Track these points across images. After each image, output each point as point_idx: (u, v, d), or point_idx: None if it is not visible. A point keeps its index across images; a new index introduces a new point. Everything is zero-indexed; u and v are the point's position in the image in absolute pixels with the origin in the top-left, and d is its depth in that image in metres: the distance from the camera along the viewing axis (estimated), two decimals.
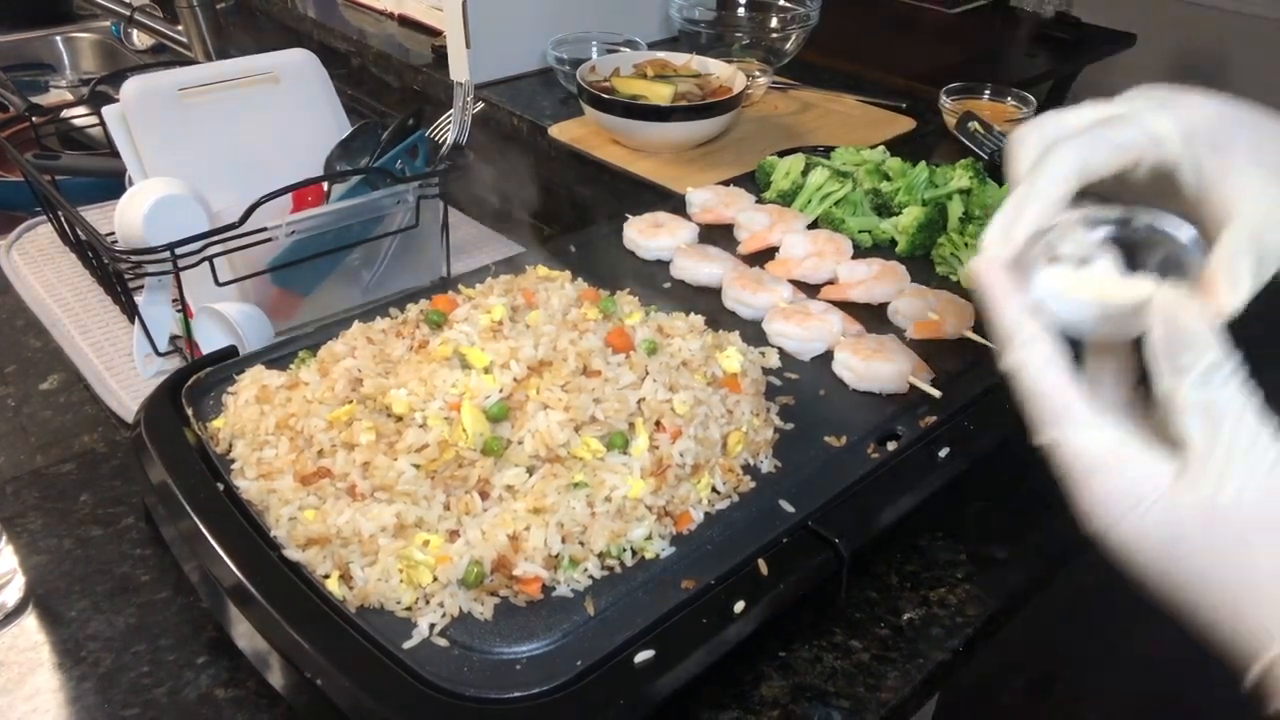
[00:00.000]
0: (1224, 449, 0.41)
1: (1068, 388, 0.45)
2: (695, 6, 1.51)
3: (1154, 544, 0.43)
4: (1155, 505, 0.42)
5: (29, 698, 0.60)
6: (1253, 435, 0.41)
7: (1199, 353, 0.42)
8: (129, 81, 0.92)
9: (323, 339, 0.75)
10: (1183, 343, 0.42)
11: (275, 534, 0.60)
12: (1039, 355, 0.46)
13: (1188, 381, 0.42)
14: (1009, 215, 0.48)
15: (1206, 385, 0.41)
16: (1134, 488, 0.43)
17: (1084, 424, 0.44)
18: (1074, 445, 0.45)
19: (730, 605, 0.56)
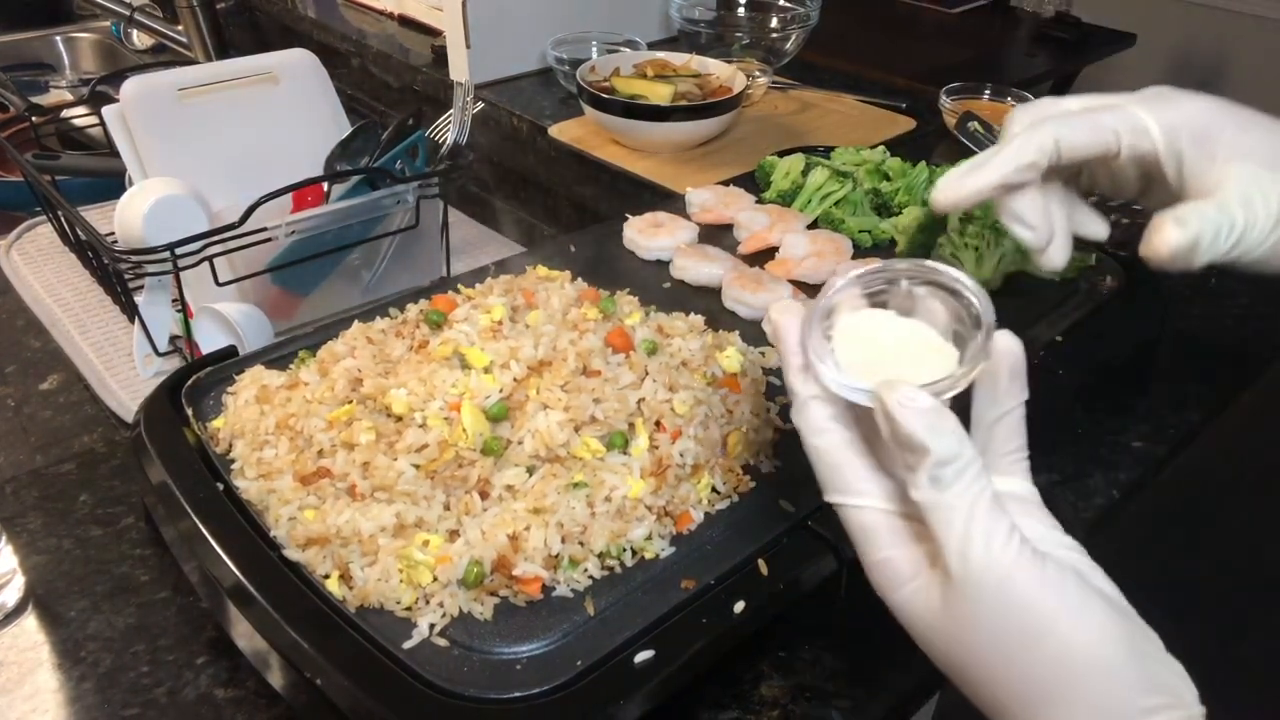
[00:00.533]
0: (958, 553, 0.40)
1: (843, 449, 0.45)
2: (695, 6, 1.51)
3: (917, 626, 0.44)
4: (915, 592, 0.43)
5: (29, 698, 0.60)
6: (986, 539, 0.40)
7: (921, 452, 0.41)
8: (129, 81, 0.92)
9: (322, 339, 0.75)
10: (902, 442, 0.41)
11: (275, 534, 0.60)
12: (817, 418, 0.46)
13: (915, 482, 0.41)
14: (965, 167, 0.49)
15: (936, 485, 0.41)
16: (899, 563, 0.44)
17: (859, 490, 0.45)
18: (848, 512, 0.45)
19: (730, 605, 0.56)
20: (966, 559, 0.40)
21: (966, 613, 0.41)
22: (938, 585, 0.42)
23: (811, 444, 0.46)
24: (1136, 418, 0.85)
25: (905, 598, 0.44)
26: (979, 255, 0.89)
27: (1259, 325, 0.97)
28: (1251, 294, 1.01)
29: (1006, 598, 0.40)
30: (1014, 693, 0.41)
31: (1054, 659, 0.40)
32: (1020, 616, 0.40)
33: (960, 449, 0.41)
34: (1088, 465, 0.78)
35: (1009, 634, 0.40)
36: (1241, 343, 0.94)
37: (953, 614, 0.41)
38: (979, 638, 0.41)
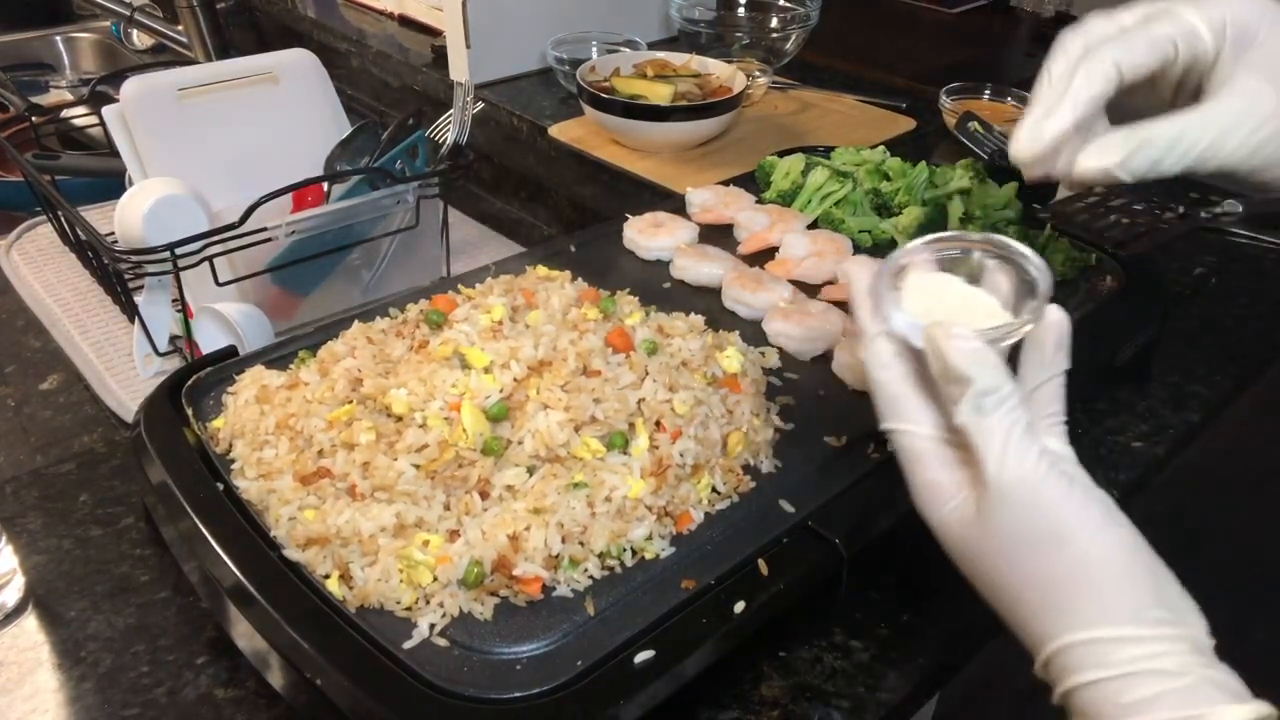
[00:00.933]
0: (994, 469, 0.45)
1: (901, 383, 0.50)
2: (695, 6, 1.51)
3: (954, 542, 0.48)
4: (955, 509, 0.47)
5: (29, 698, 0.60)
6: (1019, 457, 0.45)
7: (965, 383, 0.45)
8: (129, 81, 0.93)
9: (323, 339, 0.75)
10: (949, 374, 0.46)
11: (275, 534, 0.60)
12: (882, 352, 0.50)
13: (960, 408, 0.46)
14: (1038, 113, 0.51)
15: (978, 412, 0.45)
16: (943, 484, 0.48)
17: (911, 417, 0.49)
18: (900, 437, 0.50)
19: (730, 605, 0.56)
20: (1002, 471, 0.45)
21: (999, 520, 0.45)
22: (975, 500, 0.46)
23: (875, 377, 0.50)
24: (1136, 418, 0.85)
25: (946, 514, 0.48)
26: None
27: (1259, 325, 0.97)
28: (1251, 294, 1.01)
29: (1035, 505, 0.44)
30: (1034, 595, 0.45)
31: (1073, 562, 0.44)
32: (1046, 522, 0.44)
33: (1001, 382, 0.45)
34: (1088, 465, 0.78)
35: (1035, 538, 0.44)
36: (1241, 343, 0.94)
37: (986, 523, 0.45)
38: (1007, 543, 0.45)
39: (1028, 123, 0.52)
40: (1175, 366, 0.91)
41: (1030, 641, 0.46)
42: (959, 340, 0.46)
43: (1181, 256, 1.06)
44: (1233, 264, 1.05)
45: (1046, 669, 0.45)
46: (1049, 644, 0.44)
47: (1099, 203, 1.13)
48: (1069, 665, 0.44)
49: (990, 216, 0.94)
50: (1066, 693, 0.44)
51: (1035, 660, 0.46)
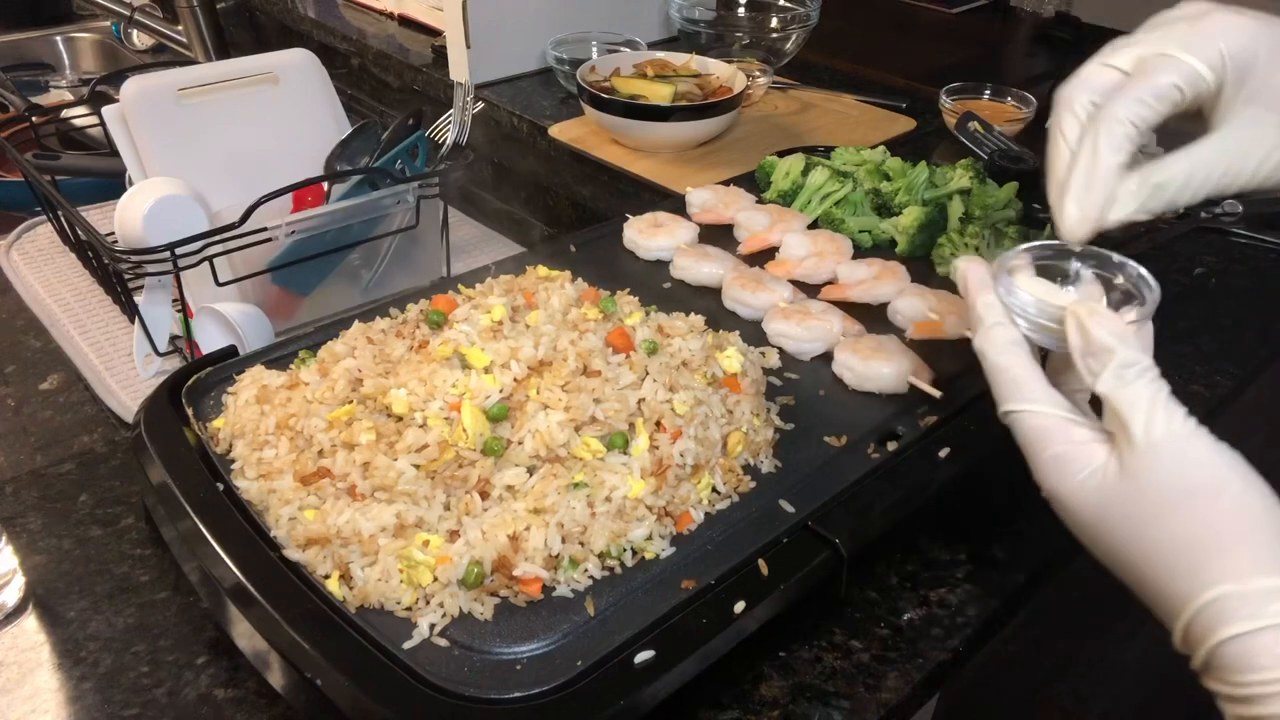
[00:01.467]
0: (1142, 430, 0.46)
1: (1023, 364, 0.52)
2: (695, 6, 1.51)
3: (1088, 509, 0.48)
4: (1091, 475, 0.48)
5: (29, 698, 0.60)
6: (1167, 418, 0.47)
7: (1108, 355, 0.48)
8: (129, 81, 0.93)
9: (323, 339, 0.75)
10: (1093, 347, 0.48)
11: (275, 534, 0.60)
12: (1001, 338, 0.52)
13: (1102, 379, 0.48)
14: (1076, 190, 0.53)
15: (1121, 381, 0.48)
16: (1072, 456, 0.49)
17: (1037, 397, 0.51)
18: (1024, 417, 0.51)
19: (730, 605, 0.56)
20: (1150, 430, 0.46)
21: (1149, 476, 0.46)
22: (1114, 464, 0.48)
23: (995, 362, 0.52)
24: None
25: (1078, 484, 0.49)
26: (979, 255, 0.89)
27: (1259, 325, 0.97)
28: (1251, 294, 1.01)
29: (1186, 460, 0.46)
30: (1179, 550, 0.45)
31: (1225, 513, 0.45)
32: (1198, 475, 0.46)
33: (1142, 356, 0.48)
34: None
35: (1187, 490, 0.45)
36: (1241, 343, 0.94)
37: (1133, 482, 0.47)
38: (1156, 499, 0.46)
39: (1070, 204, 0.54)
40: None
41: (1168, 603, 0.46)
42: (1102, 317, 0.49)
43: (1181, 256, 1.06)
44: (1233, 264, 1.05)
45: (1189, 629, 0.45)
46: (1197, 598, 0.44)
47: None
48: (1221, 617, 0.43)
49: (990, 216, 0.94)
50: (1216, 646, 0.44)
51: (1173, 623, 0.46)
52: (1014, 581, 0.68)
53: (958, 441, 0.69)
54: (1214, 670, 0.45)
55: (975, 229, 0.90)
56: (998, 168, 1.09)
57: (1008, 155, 1.12)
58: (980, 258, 0.56)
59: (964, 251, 0.90)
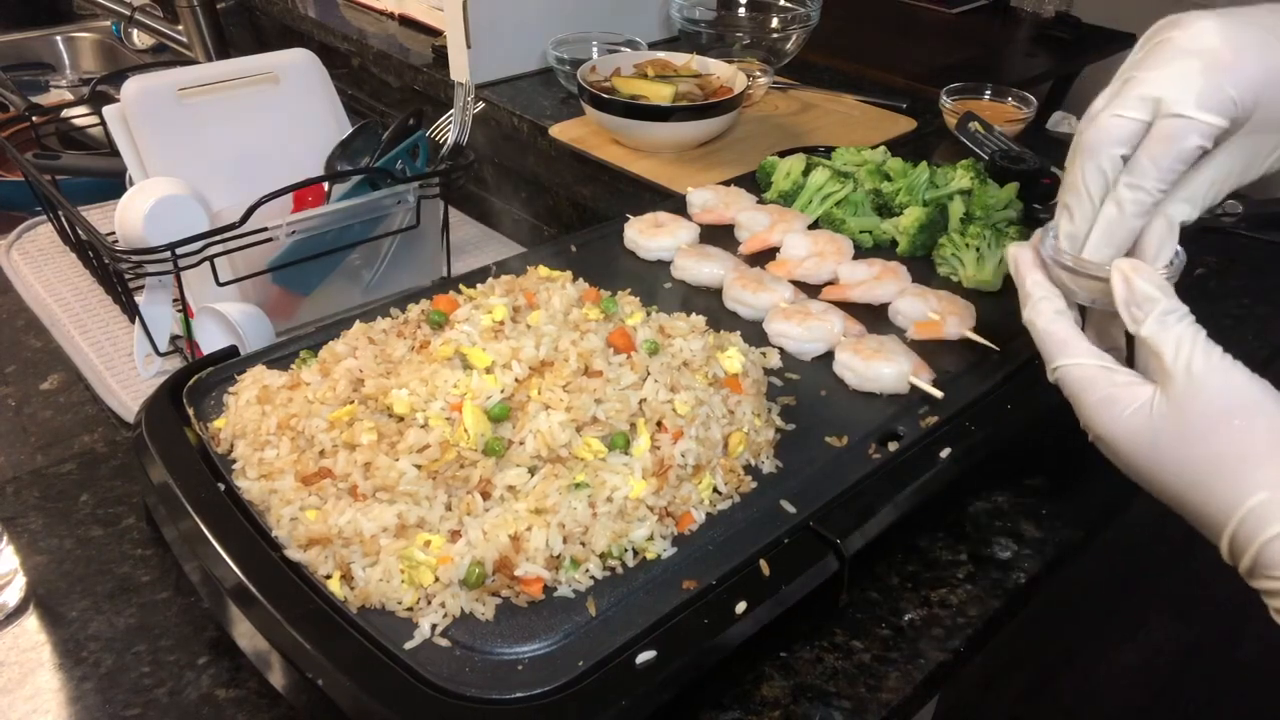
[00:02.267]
0: (1184, 365, 0.52)
1: (1069, 328, 0.58)
2: (696, 6, 1.51)
3: (1137, 441, 0.53)
4: (1138, 411, 0.53)
5: (30, 698, 0.60)
6: (1206, 354, 0.52)
7: (1152, 302, 0.53)
8: (129, 81, 0.92)
9: (324, 339, 0.75)
10: (1137, 297, 0.54)
11: (276, 534, 0.60)
12: (1048, 308, 0.59)
13: (1146, 324, 0.53)
14: (1100, 245, 0.58)
15: (1163, 325, 0.53)
16: (1118, 397, 0.54)
17: (1081, 353, 0.57)
18: (1072, 369, 0.57)
19: (731, 606, 0.56)
20: (1192, 363, 0.51)
21: (1193, 404, 0.51)
22: (1160, 398, 0.53)
23: (1044, 329, 0.58)
24: None
25: (1125, 419, 0.54)
26: (979, 255, 0.89)
27: (1259, 325, 0.97)
28: (1252, 294, 1.01)
29: (1228, 386, 0.51)
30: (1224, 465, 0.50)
31: (1266, 428, 0.50)
32: (1239, 397, 0.51)
33: (1180, 304, 0.53)
34: (1090, 465, 0.78)
35: (1230, 411, 0.51)
36: (1241, 343, 0.94)
37: (1179, 410, 0.52)
38: (1200, 423, 0.51)
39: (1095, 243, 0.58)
40: None
41: (1215, 516, 0.50)
42: (1144, 270, 0.55)
43: None
44: (1233, 264, 1.05)
45: (1235, 536, 0.49)
46: (1241, 506, 0.49)
47: None
48: (1265, 519, 0.48)
49: (991, 216, 0.94)
50: (1262, 545, 0.48)
51: (1220, 537, 0.50)
52: (1014, 581, 0.68)
53: (958, 441, 0.69)
54: (1260, 569, 0.49)
55: (976, 229, 0.90)
56: (998, 168, 1.09)
57: (1008, 155, 1.12)
58: (1027, 243, 0.62)
59: (964, 252, 0.90)
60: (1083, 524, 0.73)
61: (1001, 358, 0.78)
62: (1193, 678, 1.42)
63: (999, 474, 0.76)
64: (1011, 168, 1.09)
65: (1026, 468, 0.77)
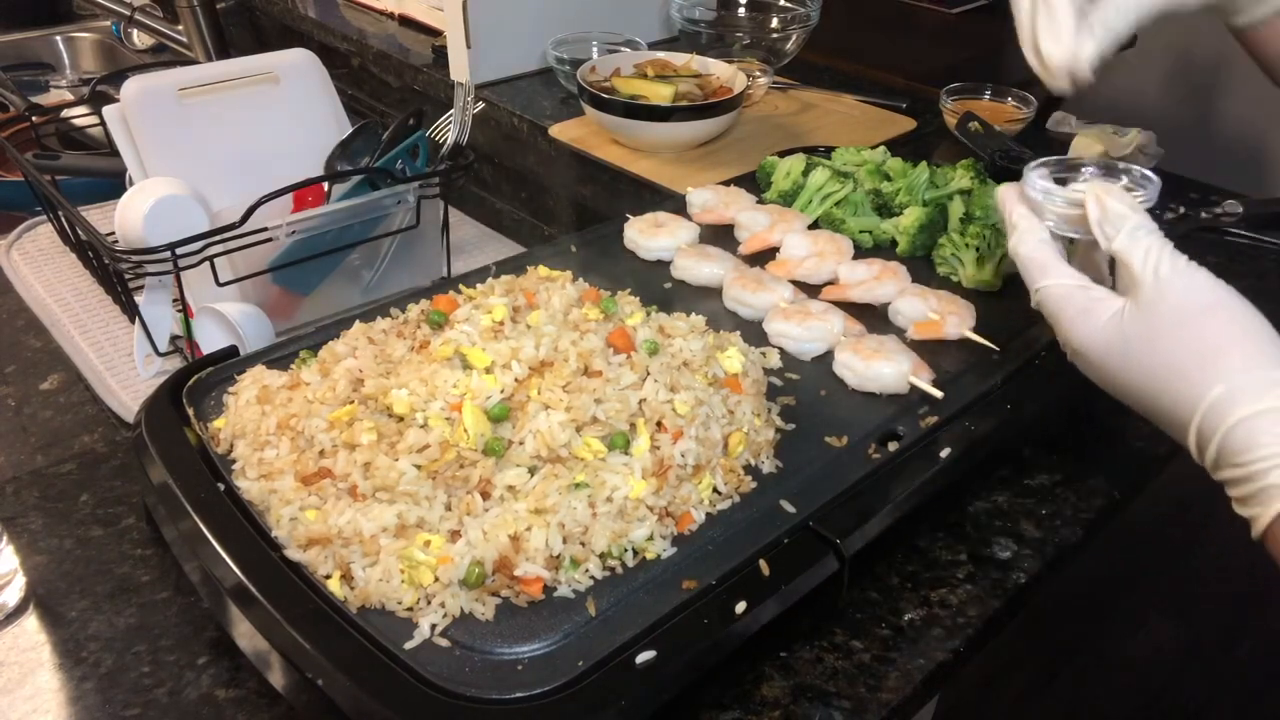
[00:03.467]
0: (1152, 271, 0.55)
1: (1050, 254, 0.62)
2: (695, 6, 1.51)
3: (1109, 349, 0.57)
4: (1110, 319, 0.57)
5: (30, 698, 0.60)
6: (1172, 260, 0.56)
7: (1123, 218, 0.57)
8: (129, 81, 0.92)
9: (323, 339, 0.75)
10: (1110, 216, 0.58)
11: (276, 534, 0.60)
12: (1032, 237, 0.63)
13: (1117, 239, 0.57)
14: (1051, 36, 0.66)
15: (1133, 239, 0.57)
16: (1093, 310, 0.58)
17: (1060, 274, 0.60)
18: (1052, 288, 0.60)
19: (731, 606, 0.56)
20: (1159, 269, 0.55)
21: (1161, 305, 0.55)
22: (1130, 306, 0.56)
23: (1028, 255, 0.62)
24: (1137, 418, 0.84)
25: (1099, 328, 0.57)
26: (979, 255, 0.89)
27: None
28: (1251, 294, 1.01)
29: (1192, 288, 0.55)
30: (1190, 360, 0.53)
31: (1228, 323, 0.53)
32: (1202, 296, 0.54)
33: (1149, 220, 0.57)
34: (1089, 465, 0.78)
35: (1195, 310, 0.54)
36: None
37: (1148, 313, 0.55)
38: (1168, 322, 0.54)
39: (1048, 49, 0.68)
40: None
41: (1181, 411, 0.53)
42: (1115, 191, 0.59)
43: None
44: (1233, 264, 1.05)
45: (1200, 429, 0.52)
46: (1205, 396, 0.52)
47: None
48: (1227, 407, 0.51)
49: (991, 216, 0.94)
50: (1225, 433, 0.51)
51: (1187, 433, 0.53)
52: (1014, 581, 0.68)
53: (958, 441, 0.69)
54: (1223, 459, 0.51)
55: (976, 229, 0.90)
56: (998, 168, 1.09)
57: (1008, 155, 1.12)
58: (1014, 184, 0.66)
59: (964, 252, 0.90)
60: (1083, 524, 0.73)
61: (1001, 358, 0.78)
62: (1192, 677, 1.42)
63: (999, 474, 0.76)
64: (1011, 168, 1.09)
65: (1026, 468, 0.77)
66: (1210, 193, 1.16)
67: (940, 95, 1.31)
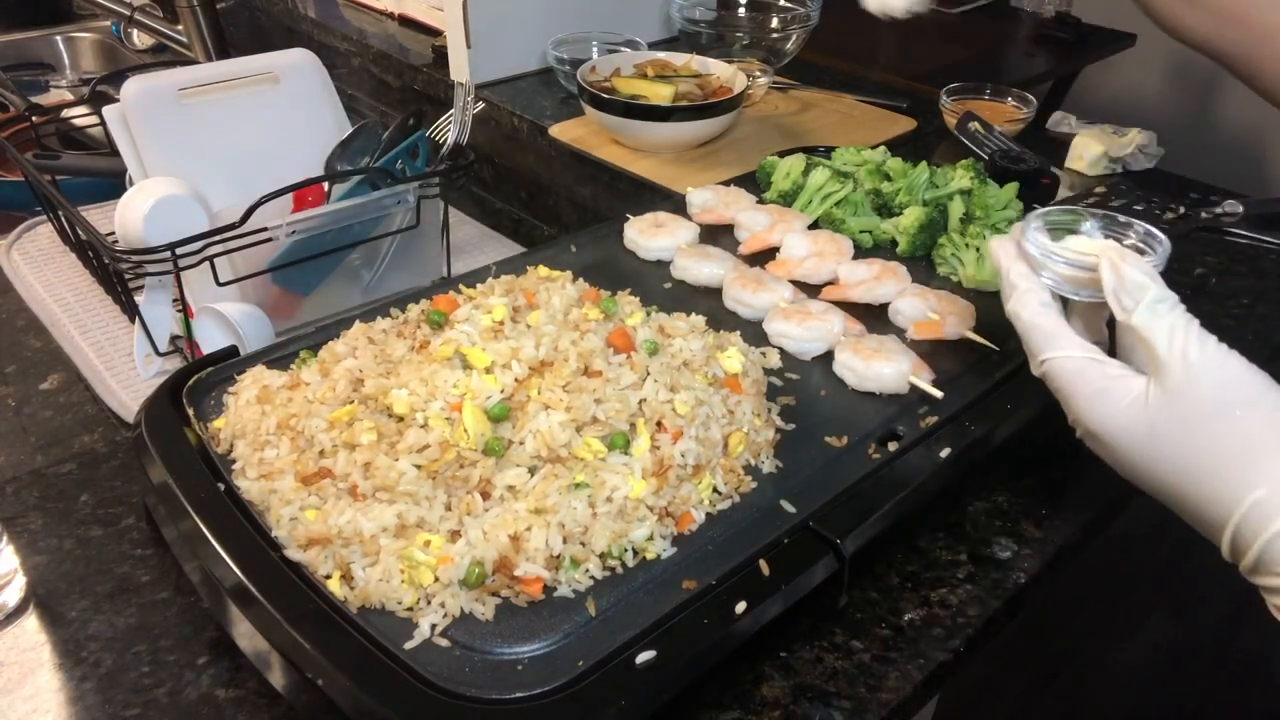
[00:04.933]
0: (1180, 354, 0.51)
1: (1055, 320, 0.58)
2: (695, 6, 1.51)
3: (1133, 434, 0.52)
4: (1133, 402, 0.52)
5: (30, 698, 0.60)
6: (1201, 343, 0.51)
7: (1142, 290, 0.53)
8: (129, 81, 0.92)
9: (323, 339, 0.75)
10: (1127, 285, 0.53)
11: (276, 534, 0.60)
12: (1034, 300, 0.58)
13: (1136, 313, 0.52)
14: None
15: (1154, 313, 0.52)
16: (1111, 388, 0.53)
17: (1069, 345, 0.56)
18: (1061, 361, 0.56)
19: (731, 606, 0.56)
20: (1187, 353, 0.51)
21: (1191, 395, 0.50)
22: (1155, 389, 0.52)
23: (1030, 321, 0.58)
24: None
25: (1122, 409, 0.53)
26: (979, 255, 0.89)
27: (1259, 325, 0.97)
28: (1251, 294, 1.01)
29: (1224, 379, 0.50)
30: (1223, 459, 0.49)
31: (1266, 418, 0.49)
32: (1237, 388, 0.50)
33: (1170, 292, 0.53)
34: (1089, 465, 0.78)
35: (1227, 403, 0.50)
36: (1242, 343, 0.94)
37: (1175, 401, 0.51)
38: (1198, 414, 0.50)
39: None
40: None
41: (1215, 510, 0.50)
42: (1132, 257, 0.54)
43: (1181, 256, 1.05)
44: (1233, 264, 1.05)
45: (1237, 531, 0.49)
46: (1243, 500, 0.48)
47: (1099, 203, 1.13)
48: (1269, 514, 0.47)
49: (991, 216, 0.94)
50: (1268, 542, 0.47)
51: (1221, 533, 0.49)
52: (1014, 581, 0.68)
53: (958, 441, 0.69)
54: (1264, 566, 0.48)
55: (976, 229, 0.90)
56: (998, 168, 1.09)
57: (1008, 155, 1.12)
58: (1009, 235, 0.62)
59: (964, 252, 0.90)
60: (1083, 524, 0.73)
61: (1001, 358, 0.78)
62: (1192, 676, 1.42)
63: (999, 474, 0.76)
64: (1011, 168, 1.09)
65: (1026, 468, 0.77)
66: (1210, 193, 1.16)
67: (940, 95, 1.31)
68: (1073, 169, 1.22)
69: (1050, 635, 1.01)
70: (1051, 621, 0.96)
